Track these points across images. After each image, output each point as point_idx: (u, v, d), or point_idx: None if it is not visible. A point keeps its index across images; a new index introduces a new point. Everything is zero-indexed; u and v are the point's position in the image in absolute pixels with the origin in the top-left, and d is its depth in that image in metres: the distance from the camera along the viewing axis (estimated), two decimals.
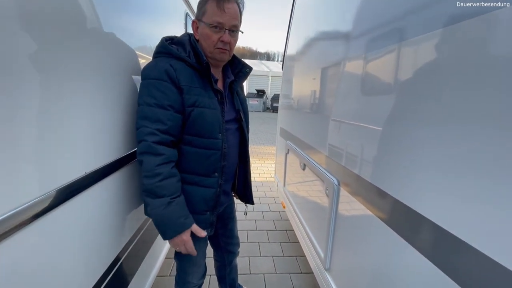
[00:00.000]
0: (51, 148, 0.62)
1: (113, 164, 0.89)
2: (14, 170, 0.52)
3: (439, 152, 0.62)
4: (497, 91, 0.50)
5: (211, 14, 0.91)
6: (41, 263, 0.61)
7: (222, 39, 0.93)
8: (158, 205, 0.87)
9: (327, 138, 1.31)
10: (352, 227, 1.07)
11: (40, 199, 0.58)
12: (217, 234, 1.32)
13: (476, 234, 0.53)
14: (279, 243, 2.28)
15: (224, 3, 0.90)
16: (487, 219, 0.51)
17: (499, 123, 0.49)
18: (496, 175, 0.49)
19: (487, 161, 0.51)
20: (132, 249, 1.09)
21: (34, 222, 0.57)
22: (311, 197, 1.57)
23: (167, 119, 0.88)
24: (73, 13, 0.69)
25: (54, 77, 0.61)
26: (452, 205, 0.58)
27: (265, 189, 3.57)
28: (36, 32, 0.56)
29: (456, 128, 0.58)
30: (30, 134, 0.56)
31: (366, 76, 0.99)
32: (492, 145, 0.50)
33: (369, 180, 0.91)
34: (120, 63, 0.96)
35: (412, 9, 0.75)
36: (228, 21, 0.92)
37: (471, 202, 0.54)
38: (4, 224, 0.50)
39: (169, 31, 1.38)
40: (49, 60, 0.60)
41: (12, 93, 0.51)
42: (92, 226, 0.81)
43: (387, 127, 0.83)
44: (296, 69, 2.13)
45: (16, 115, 0.52)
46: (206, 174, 1.00)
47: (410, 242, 0.71)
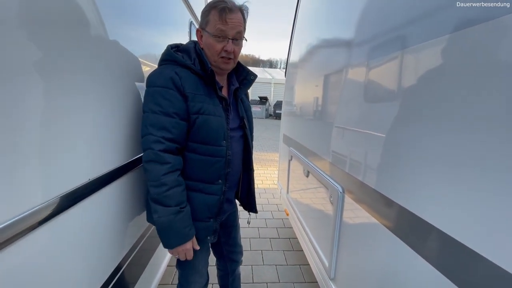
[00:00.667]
0: (55, 155, 0.62)
1: (116, 170, 0.89)
2: (17, 177, 0.52)
3: (447, 159, 0.61)
4: (504, 96, 0.49)
5: (214, 24, 0.92)
6: (42, 270, 0.61)
7: (225, 49, 0.94)
8: (167, 214, 0.88)
9: (331, 144, 1.30)
10: (357, 235, 1.05)
11: (43, 206, 0.58)
12: (220, 242, 1.30)
13: (486, 243, 0.52)
14: (282, 252, 2.25)
15: (226, 13, 0.90)
16: (498, 227, 0.50)
17: (507, 129, 0.48)
18: (507, 183, 0.48)
19: (497, 168, 0.50)
20: (134, 256, 1.08)
21: (37, 229, 0.57)
22: (315, 204, 1.55)
23: (172, 126, 0.89)
24: (79, 21, 0.70)
25: (58, 83, 0.62)
26: (461, 213, 0.57)
27: (268, 196, 3.55)
28: (42, 39, 0.57)
29: (464, 134, 0.57)
30: (34, 141, 0.56)
31: (369, 82, 0.99)
32: (503, 151, 0.49)
33: (374, 187, 0.90)
34: (124, 70, 0.97)
35: (413, 17, 0.75)
36: (231, 30, 0.92)
37: (480, 210, 0.53)
38: (7, 231, 0.50)
39: (173, 39, 1.40)
40: (54, 66, 0.61)
41: (16, 98, 0.51)
42: (95, 233, 0.80)
43: (391, 133, 0.83)
44: (299, 76, 2.14)
45: (20, 121, 0.53)
46: (210, 181, 1.00)
47: (417, 251, 0.69)
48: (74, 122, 0.68)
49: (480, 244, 0.53)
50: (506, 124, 0.49)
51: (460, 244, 0.56)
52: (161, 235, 0.93)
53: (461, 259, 0.56)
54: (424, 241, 0.67)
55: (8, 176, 0.50)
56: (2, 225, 0.48)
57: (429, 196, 0.66)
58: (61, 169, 0.64)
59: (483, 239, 0.52)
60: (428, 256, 0.66)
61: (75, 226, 0.71)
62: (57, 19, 0.61)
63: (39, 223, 0.57)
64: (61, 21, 0.62)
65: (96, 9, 0.77)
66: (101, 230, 0.84)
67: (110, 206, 0.88)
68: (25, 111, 0.53)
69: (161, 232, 0.92)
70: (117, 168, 0.90)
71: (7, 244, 0.50)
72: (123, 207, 0.97)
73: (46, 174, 0.60)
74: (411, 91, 0.75)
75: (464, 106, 0.57)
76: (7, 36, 0.49)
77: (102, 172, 0.80)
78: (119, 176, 0.91)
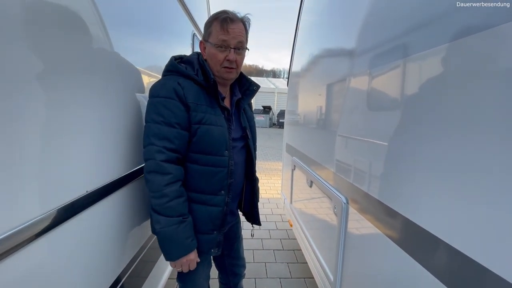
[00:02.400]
0: (52, 166, 0.61)
1: (115, 182, 0.88)
2: (13, 188, 0.52)
3: (453, 170, 0.59)
4: (507, 104, 0.48)
5: (216, 35, 0.94)
6: (39, 284, 0.59)
7: (228, 58, 0.95)
8: (169, 224, 0.87)
9: (334, 154, 1.29)
10: (363, 249, 1.02)
11: (40, 218, 0.57)
12: (222, 254, 1.27)
13: (499, 260, 0.49)
14: (286, 264, 2.19)
15: (228, 24, 0.92)
16: (507, 240, 0.47)
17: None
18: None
19: (509, 180, 0.48)
20: (134, 269, 1.06)
21: (34, 241, 0.56)
22: (319, 214, 1.52)
23: (174, 137, 0.89)
24: (84, 33, 0.71)
25: (56, 94, 0.62)
26: (472, 228, 0.54)
27: (271, 206, 3.50)
28: (42, 51, 0.58)
29: (472, 144, 0.55)
30: (31, 152, 0.56)
31: (372, 90, 0.98)
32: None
33: (379, 198, 0.88)
34: (125, 81, 0.98)
35: (414, 25, 0.74)
36: (233, 40, 0.93)
37: (492, 224, 0.50)
38: (3, 243, 0.48)
39: (177, 51, 1.42)
40: (53, 77, 0.61)
41: (15, 110, 0.51)
42: (93, 245, 0.79)
43: (395, 143, 0.81)
44: (301, 85, 2.15)
45: (17, 133, 0.52)
46: (213, 192, 0.99)
47: (426, 267, 0.66)
48: (72, 133, 0.67)
49: (493, 262, 0.50)
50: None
51: (472, 260, 0.53)
52: (163, 247, 0.91)
53: (473, 276, 0.53)
54: (433, 256, 0.64)
55: (5, 188, 0.49)
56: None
57: (436, 208, 0.63)
58: (59, 180, 0.63)
59: (497, 256, 0.49)
60: (438, 273, 0.62)
61: (73, 239, 0.69)
62: (58, 31, 0.62)
63: (36, 236, 0.56)
64: (63, 33, 0.63)
65: (102, 22, 0.78)
66: (99, 243, 0.82)
67: (109, 218, 0.87)
68: (23, 122, 0.53)
69: (164, 243, 0.90)
70: (116, 180, 0.89)
71: (3, 257, 0.49)
72: (122, 219, 0.95)
73: (43, 186, 0.59)
74: (415, 99, 0.73)
75: (472, 113, 0.56)
76: (7, 49, 0.49)
77: (100, 183, 0.79)
78: (118, 188, 0.90)
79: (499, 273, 0.48)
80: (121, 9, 0.95)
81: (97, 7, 0.77)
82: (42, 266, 0.60)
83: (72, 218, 0.67)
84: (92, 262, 0.79)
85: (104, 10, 0.81)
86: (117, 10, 0.92)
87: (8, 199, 0.50)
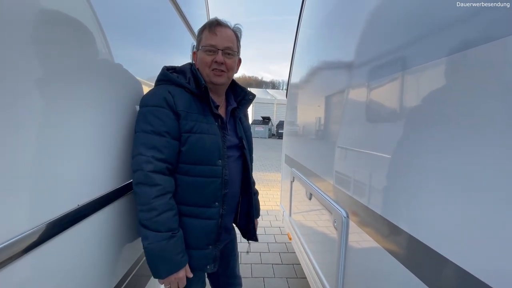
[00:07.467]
0: (42, 180, 0.59)
1: (107, 196, 0.85)
2: (1, 202, 0.50)
3: (459, 183, 0.57)
4: (508, 116, 0.47)
5: (205, 39, 0.96)
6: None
7: (215, 60, 0.95)
8: (158, 240, 0.83)
9: (333, 166, 1.27)
10: (364, 265, 0.98)
11: (30, 233, 0.55)
12: (217, 273, 1.22)
13: (503, 278, 0.46)
14: (285, 279, 2.13)
15: (215, 26, 0.94)
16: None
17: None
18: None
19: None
20: (127, 284, 1.01)
21: (22, 257, 0.53)
22: (319, 227, 1.48)
23: (164, 146, 0.87)
24: (85, 46, 0.71)
25: (47, 105, 0.60)
26: (480, 247, 0.52)
27: (270, 218, 3.45)
28: (40, 60, 0.57)
29: (476, 158, 0.54)
30: (21, 165, 0.54)
31: (372, 103, 0.98)
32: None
33: (380, 212, 0.86)
34: (118, 92, 0.95)
35: (414, 38, 0.75)
36: (220, 43, 0.94)
37: (501, 243, 0.48)
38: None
39: (178, 62, 1.42)
40: (44, 90, 0.60)
41: (2, 124, 0.50)
42: (84, 261, 0.76)
43: (395, 155, 0.79)
44: (300, 97, 2.16)
45: (6, 145, 0.50)
46: (206, 205, 0.95)
47: (429, 285, 0.63)
48: (64, 145, 0.66)
49: (491, 276, 0.48)
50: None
51: (480, 281, 0.51)
52: (151, 264, 0.86)
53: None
54: (439, 276, 0.61)
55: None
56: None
57: (441, 225, 0.61)
58: (49, 194, 0.61)
59: (492, 269, 0.47)
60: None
61: (63, 254, 0.66)
62: (58, 41, 0.62)
63: (23, 252, 0.54)
64: (63, 43, 0.63)
65: (103, 35, 0.78)
66: (91, 258, 0.79)
67: (101, 232, 0.84)
68: (13, 135, 0.51)
69: (152, 259, 0.85)
70: (109, 193, 0.86)
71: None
72: (114, 233, 0.92)
73: (32, 199, 0.57)
74: (414, 111, 0.73)
75: (475, 125, 0.55)
76: (7, 57, 0.48)
77: (92, 197, 0.77)
78: (110, 202, 0.87)
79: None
80: (121, 20, 0.96)
81: (99, 21, 0.78)
82: (30, 283, 0.57)
83: (62, 233, 0.65)
84: (84, 278, 0.76)
85: (105, 21, 0.81)
86: (119, 21, 0.93)
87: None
